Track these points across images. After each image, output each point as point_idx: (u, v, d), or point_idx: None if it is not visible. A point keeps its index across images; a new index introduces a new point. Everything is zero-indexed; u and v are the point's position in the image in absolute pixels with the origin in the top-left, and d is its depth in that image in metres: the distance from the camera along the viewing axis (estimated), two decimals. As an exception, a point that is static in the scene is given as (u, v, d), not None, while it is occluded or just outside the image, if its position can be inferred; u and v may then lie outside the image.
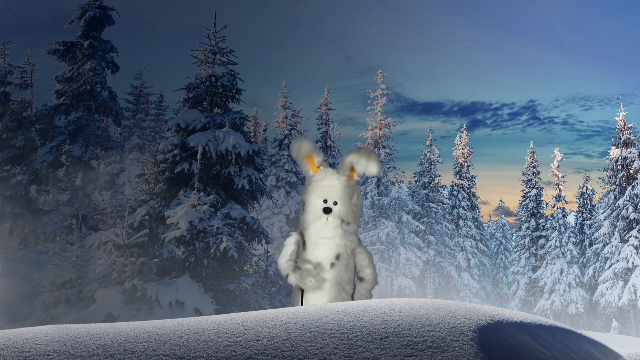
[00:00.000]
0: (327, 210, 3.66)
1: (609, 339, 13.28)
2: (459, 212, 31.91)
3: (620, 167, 27.01)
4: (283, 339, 1.94)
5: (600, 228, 28.00)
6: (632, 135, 27.06)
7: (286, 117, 28.56)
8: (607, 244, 27.01)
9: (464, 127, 35.79)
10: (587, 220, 31.54)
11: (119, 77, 26.72)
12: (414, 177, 31.91)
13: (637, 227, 25.22)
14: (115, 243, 9.34)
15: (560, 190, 30.69)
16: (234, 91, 12.07)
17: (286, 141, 27.49)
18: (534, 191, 32.23)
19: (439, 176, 31.40)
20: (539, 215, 31.92)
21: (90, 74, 15.22)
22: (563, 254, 29.30)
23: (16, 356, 1.79)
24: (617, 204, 26.32)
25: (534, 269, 31.10)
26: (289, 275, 3.67)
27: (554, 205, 30.69)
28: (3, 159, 14.74)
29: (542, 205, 32.12)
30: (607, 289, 25.78)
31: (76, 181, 15.46)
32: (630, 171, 26.44)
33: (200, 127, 11.06)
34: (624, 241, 25.89)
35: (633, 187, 25.77)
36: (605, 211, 27.65)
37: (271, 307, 10.75)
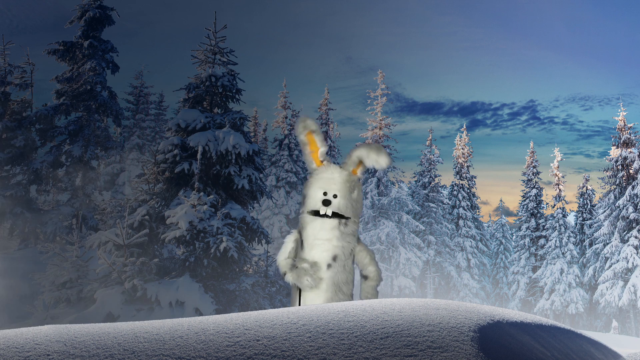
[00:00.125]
0: (327, 202, 3.64)
1: (609, 339, 13.27)
2: (459, 212, 31.91)
3: (620, 167, 27.00)
4: (283, 339, 1.94)
5: (600, 228, 28.00)
6: (632, 135, 27.05)
7: (286, 117, 28.56)
8: (607, 244, 27.00)
9: (464, 127, 35.85)
10: (587, 220, 31.54)
11: (119, 77, 26.73)
12: (414, 177, 31.92)
13: (637, 227, 25.21)
14: (115, 243, 9.34)
15: (560, 190, 30.69)
16: (234, 91, 12.07)
17: (286, 141, 27.49)
18: (534, 191, 32.23)
19: (439, 176, 31.42)
20: (539, 215, 31.91)
21: (90, 74, 15.23)
22: (563, 254, 29.30)
23: (16, 356, 1.79)
24: (617, 204, 26.31)
25: (534, 269, 31.09)
26: (286, 273, 3.66)
27: (554, 205, 30.69)
28: (3, 159, 14.74)
29: (542, 205, 32.12)
30: (607, 289, 25.78)
31: (76, 181, 15.47)
32: (630, 171, 26.44)
33: (200, 127, 11.07)
34: (624, 241, 25.88)
35: (633, 187, 25.76)
36: (605, 211, 27.65)
37: (271, 307, 10.75)
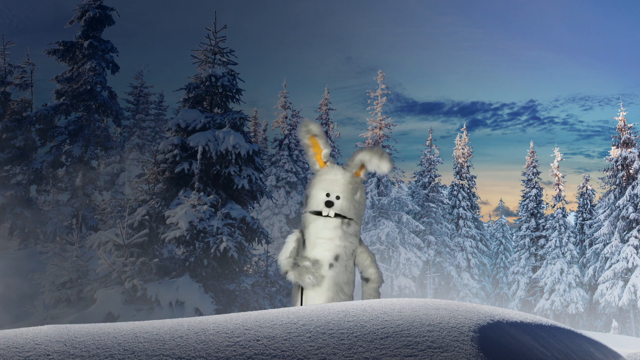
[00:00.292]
0: (329, 203, 3.65)
1: (609, 339, 13.27)
2: (459, 212, 31.91)
3: (620, 167, 27.00)
4: (283, 339, 1.94)
5: (600, 228, 27.99)
6: (632, 135, 27.05)
7: (286, 117, 28.56)
8: (607, 244, 27.00)
9: (464, 127, 35.86)
10: (587, 220, 31.54)
11: (119, 77, 26.72)
12: (414, 177, 31.92)
13: (637, 227, 25.21)
14: (115, 243, 9.34)
15: (560, 190, 30.69)
16: (234, 91, 12.06)
17: (286, 141, 27.49)
18: (534, 191, 32.23)
19: (439, 176, 31.42)
20: (539, 215, 31.91)
21: (90, 74, 15.23)
22: (563, 254, 29.30)
23: (16, 356, 1.79)
24: (617, 204, 26.31)
25: (534, 269, 31.09)
26: (288, 272, 3.65)
27: (554, 205, 30.68)
28: (3, 159, 14.74)
29: (542, 205, 32.12)
30: (607, 289, 25.77)
31: (76, 181, 15.46)
32: (630, 171, 26.43)
33: (200, 127, 11.06)
34: (624, 241, 25.88)
35: (633, 187, 25.76)
36: (605, 211, 27.65)
37: (271, 307, 10.75)
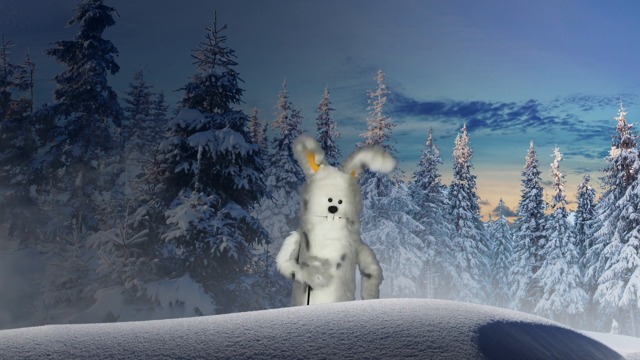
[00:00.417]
0: (333, 209, 3.65)
1: (609, 339, 13.26)
2: (459, 212, 31.90)
3: (620, 167, 27.00)
4: (283, 339, 1.94)
5: (600, 228, 27.99)
6: (632, 135, 27.04)
7: (286, 117, 28.55)
8: (607, 244, 27.00)
9: (464, 127, 35.83)
10: (587, 220, 31.53)
11: (119, 77, 26.73)
12: (414, 177, 31.92)
13: (637, 227, 25.20)
14: (115, 243, 9.34)
15: (560, 190, 30.68)
16: (234, 91, 12.06)
17: (286, 141, 27.49)
18: (534, 191, 32.22)
19: (439, 176, 31.41)
20: (539, 215, 31.91)
21: (90, 74, 15.23)
22: (563, 254, 29.29)
23: (16, 356, 1.79)
24: (617, 204, 26.31)
25: (534, 269, 31.09)
26: (296, 272, 3.62)
27: (554, 205, 30.68)
28: (3, 159, 14.74)
29: (542, 205, 32.11)
30: (607, 289, 25.77)
31: (76, 181, 15.46)
32: (630, 171, 26.43)
33: (200, 127, 11.06)
34: (624, 241, 25.88)
35: (633, 187, 25.76)
36: (605, 211, 27.65)
37: (271, 307, 10.75)
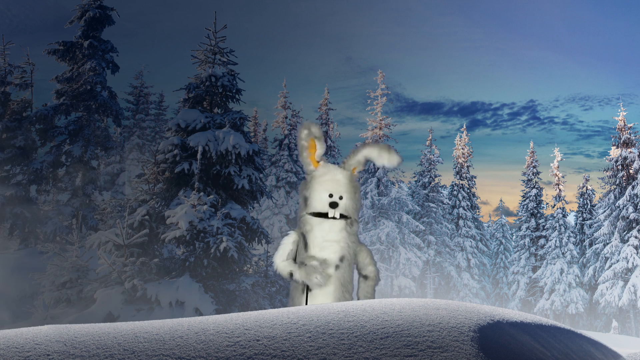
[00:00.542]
0: (334, 204, 3.64)
1: (609, 339, 13.26)
2: (459, 212, 31.90)
3: (620, 167, 27.00)
4: (283, 339, 1.94)
5: (600, 228, 27.99)
6: (632, 135, 27.05)
7: (286, 117, 28.55)
8: (607, 244, 27.00)
9: (464, 127, 35.83)
10: (587, 220, 31.53)
11: (119, 77, 26.73)
12: (414, 177, 31.91)
13: (637, 227, 25.20)
14: (115, 243, 9.34)
15: (560, 190, 30.68)
16: (234, 91, 12.06)
17: (286, 141, 27.49)
18: (534, 191, 32.22)
19: (439, 176, 31.41)
20: (539, 215, 31.91)
21: (90, 74, 15.23)
22: (563, 254, 29.29)
23: (16, 356, 1.79)
24: (617, 204, 26.31)
25: (534, 269, 31.09)
26: (294, 272, 3.61)
27: (554, 205, 30.68)
28: (3, 159, 14.75)
29: (542, 205, 32.11)
30: (607, 289, 25.77)
31: (76, 181, 15.47)
32: (630, 171, 26.43)
33: (200, 127, 11.06)
34: (624, 241, 25.88)
35: (633, 187, 25.76)
36: (605, 211, 27.65)
37: (271, 307, 10.75)
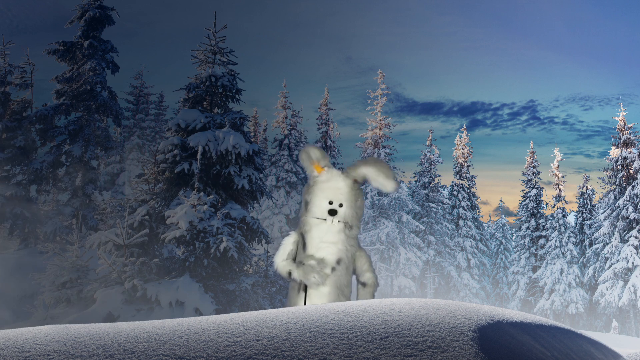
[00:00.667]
0: (333, 212, 3.65)
1: (609, 339, 13.27)
2: (459, 212, 31.90)
3: (620, 167, 27.00)
4: (283, 339, 1.94)
5: (600, 228, 27.99)
6: (632, 135, 27.05)
7: (286, 117, 28.54)
8: (607, 244, 27.00)
9: (464, 127, 35.83)
10: (587, 220, 31.54)
11: (119, 77, 26.73)
12: (414, 177, 31.92)
13: (637, 227, 25.21)
14: (115, 243, 9.34)
15: (560, 190, 30.68)
16: (234, 91, 12.06)
17: (286, 141, 27.49)
18: (534, 191, 32.23)
19: (439, 176, 31.41)
20: (539, 215, 31.91)
21: (90, 74, 15.23)
22: (563, 254, 29.30)
23: (16, 356, 1.79)
24: (617, 204, 26.31)
25: (534, 269, 31.09)
26: (292, 271, 3.63)
27: (554, 205, 30.69)
28: (3, 159, 14.74)
29: (542, 205, 32.12)
30: (607, 289, 25.78)
31: (76, 181, 15.47)
32: (630, 171, 26.43)
33: (200, 127, 11.06)
34: (624, 241, 25.88)
35: (633, 187, 25.76)
36: (605, 211, 27.65)
37: (271, 307, 10.75)
